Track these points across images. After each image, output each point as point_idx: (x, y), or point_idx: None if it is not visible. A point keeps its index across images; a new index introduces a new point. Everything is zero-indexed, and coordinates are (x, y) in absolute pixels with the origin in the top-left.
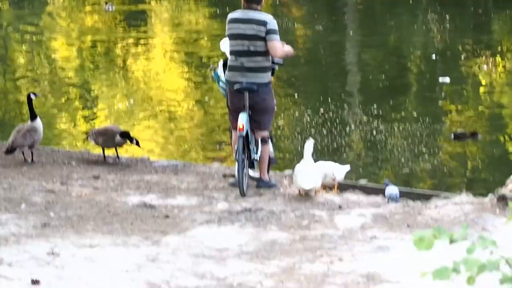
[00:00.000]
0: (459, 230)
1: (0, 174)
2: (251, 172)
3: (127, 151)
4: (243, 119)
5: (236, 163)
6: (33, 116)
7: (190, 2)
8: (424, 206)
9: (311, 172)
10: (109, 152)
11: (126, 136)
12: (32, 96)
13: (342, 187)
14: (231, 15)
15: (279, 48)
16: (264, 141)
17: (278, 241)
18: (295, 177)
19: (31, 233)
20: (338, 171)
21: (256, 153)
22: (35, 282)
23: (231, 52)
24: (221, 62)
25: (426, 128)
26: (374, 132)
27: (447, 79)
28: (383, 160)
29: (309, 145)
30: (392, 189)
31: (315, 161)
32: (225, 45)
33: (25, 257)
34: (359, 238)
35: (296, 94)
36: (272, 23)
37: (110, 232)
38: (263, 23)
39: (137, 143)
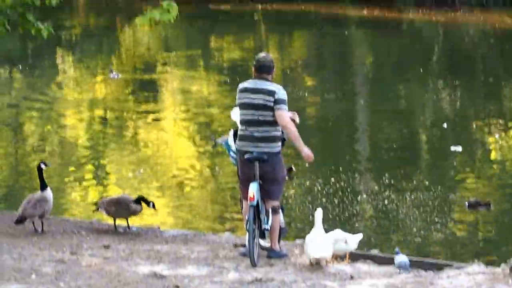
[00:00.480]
0: None
1: (10, 244)
2: (262, 242)
3: (142, 219)
4: (253, 189)
5: (247, 233)
6: (43, 186)
7: (200, 70)
8: (436, 276)
9: (322, 242)
10: (119, 222)
11: (141, 200)
12: (43, 166)
13: (354, 257)
14: (241, 85)
15: (286, 116)
16: (274, 210)
17: None
18: (306, 247)
19: None
20: (352, 240)
21: (267, 223)
22: None
23: (241, 122)
24: (231, 132)
25: (438, 197)
26: (386, 201)
27: (459, 148)
28: (395, 230)
29: (319, 214)
30: (402, 258)
31: (327, 231)
32: (236, 114)
33: None
34: None
35: (306, 163)
36: (281, 93)
37: None
38: (272, 93)
39: (153, 206)
